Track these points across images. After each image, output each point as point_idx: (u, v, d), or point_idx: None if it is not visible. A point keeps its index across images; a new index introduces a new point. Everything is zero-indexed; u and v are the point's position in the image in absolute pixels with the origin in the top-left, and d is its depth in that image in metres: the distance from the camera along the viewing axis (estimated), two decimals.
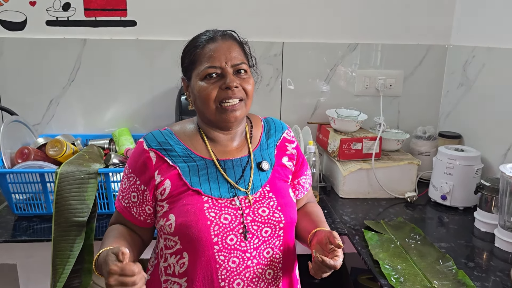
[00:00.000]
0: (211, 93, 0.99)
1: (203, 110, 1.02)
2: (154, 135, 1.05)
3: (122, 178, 1.07)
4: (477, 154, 1.62)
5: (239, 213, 0.99)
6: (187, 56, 1.05)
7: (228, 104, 0.99)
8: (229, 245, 0.97)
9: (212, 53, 1.00)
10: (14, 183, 1.44)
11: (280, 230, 1.02)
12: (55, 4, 1.79)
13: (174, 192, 1.00)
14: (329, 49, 1.93)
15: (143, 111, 1.93)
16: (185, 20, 1.85)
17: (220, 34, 1.04)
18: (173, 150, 1.03)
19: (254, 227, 0.99)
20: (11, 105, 1.77)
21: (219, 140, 1.07)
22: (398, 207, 1.66)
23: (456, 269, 1.20)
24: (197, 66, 1.01)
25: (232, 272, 0.98)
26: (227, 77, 0.99)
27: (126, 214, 1.06)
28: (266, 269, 1.02)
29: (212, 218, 0.97)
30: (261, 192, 1.04)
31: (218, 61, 0.99)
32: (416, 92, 2.00)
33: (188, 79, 1.05)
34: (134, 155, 1.05)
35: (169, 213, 0.99)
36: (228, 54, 1.00)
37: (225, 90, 0.99)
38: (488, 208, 1.45)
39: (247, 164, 1.06)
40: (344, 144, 1.71)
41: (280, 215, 1.02)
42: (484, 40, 1.73)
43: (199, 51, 1.01)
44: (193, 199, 0.99)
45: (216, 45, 1.01)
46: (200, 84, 1.00)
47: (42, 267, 1.37)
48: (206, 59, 1.00)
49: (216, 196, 1.00)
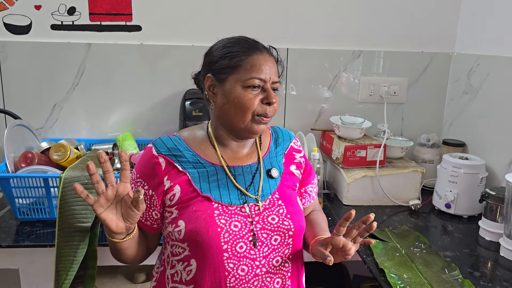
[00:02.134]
0: (252, 104, 0.98)
1: (234, 117, 1.00)
2: (163, 140, 1.04)
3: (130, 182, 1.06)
4: (481, 163, 1.62)
5: (248, 221, 0.99)
6: (227, 58, 1.01)
7: (263, 118, 1.00)
8: (239, 252, 0.96)
9: (260, 65, 0.99)
10: (18, 187, 1.43)
11: (289, 238, 1.02)
12: (60, 8, 1.79)
13: (183, 198, 0.99)
14: (333, 55, 1.93)
15: (147, 116, 1.92)
16: (190, 25, 1.85)
17: (267, 48, 1.04)
18: (182, 156, 1.02)
19: (264, 235, 0.99)
20: (15, 109, 1.77)
21: (230, 146, 1.07)
22: (402, 215, 1.65)
23: (462, 279, 1.20)
24: (240, 71, 0.99)
25: (241, 280, 0.97)
26: (269, 93, 0.99)
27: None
28: (275, 278, 1.01)
29: (222, 225, 0.96)
30: (270, 200, 1.04)
31: (264, 75, 0.99)
32: (420, 99, 2.00)
33: (220, 80, 1.01)
34: (142, 161, 1.04)
35: (179, 219, 0.99)
36: (273, 70, 1.01)
37: (265, 105, 0.99)
38: (493, 217, 1.44)
39: (256, 170, 1.06)
40: (348, 151, 1.71)
41: (290, 223, 1.02)
42: (489, 49, 1.73)
43: (246, 58, 0.99)
44: (203, 206, 0.98)
45: (264, 58, 1.01)
46: (242, 92, 0.98)
47: (44, 273, 1.36)
48: (254, 69, 0.98)
49: (226, 202, 1.00)
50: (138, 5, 1.81)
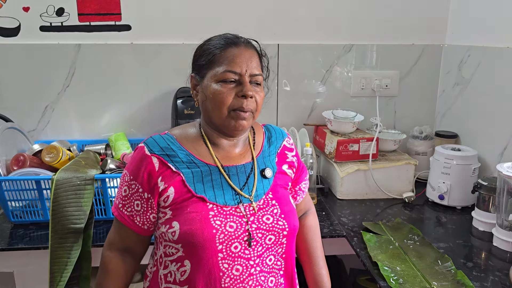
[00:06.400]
0: (226, 99, 0.97)
1: (212, 113, 1.00)
2: (155, 140, 1.02)
3: (121, 184, 1.03)
4: (474, 154, 1.62)
5: (243, 221, 0.98)
6: (205, 55, 1.00)
7: (241, 113, 0.98)
8: (233, 252, 0.96)
9: (234, 58, 0.98)
10: (10, 190, 1.43)
11: (283, 237, 1.02)
12: (49, 9, 1.78)
13: (178, 200, 0.98)
14: (325, 50, 1.93)
15: (139, 115, 1.92)
16: (180, 24, 1.84)
17: (243, 41, 1.02)
18: (176, 155, 1.00)
19: (259, 235, 0.98)
20: (5, 112, 1.76)
21: (223, 145, 1.05)
22: (396, 208, 1.66)
23: (455, 270, 1.20)
24: (214, 67, 0.98)
25: (236, 280, 0.96)
26: (244, 85, 0.97)
27: (129, 224, 1.02)
28: (269, 277, 1.01)
29: (218, 226, 0.95)
30: (264, 200, 1.03)
31: (239, 67, 0.97)
32: (412, 92, 2.00)
33: (201, 77, 1.02)
34: (134, 161, 1.01)
35: (173, 220, 0.97)
36: (249, 62, 0.99)
37: (240, 99, 0.97)
38: (486, 207, 1.45)
39: (251, 171, 1.05)
40: (341, 146, 1.71)
41: (284, 223, 1.01)
42: (479, 39, 1.73)
43: (220, 53, 0.98)
44: (197, 207, 0.97)
45: (239, 50, 0.99)
46: (215, 87, 0.97)
47: (39, 275, 1.36)
48: (226, 62, 0.97)
49: (221, 203, 0.99)
50: (127, 5, 1.80)
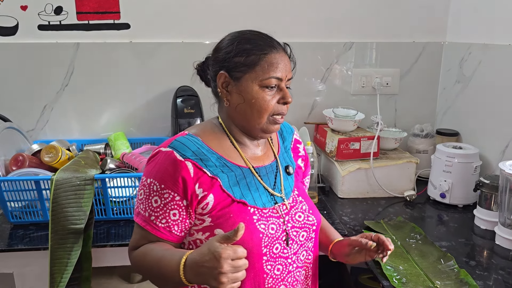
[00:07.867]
0: (270, 105, 0.95)
1: (250, 117, 0.97)
2: (183, 143, 0.95)
3: (148, 195, 0.93)
4: (475, 151, 1.61)
5: (281, 221, 0.98)
6: (244, 55, 0.95)
7: (279, 118, 0.98)
8: (275, 254, 0.96)
9: (278, 63, 0.96)
10: (9, 191, 1.42)
11: (313, 232, 1.04)
12: (47, 8, 1.76)
13: (217, 206, 0.94)
14: (325, 48, 1.92)
15: (138, 114, 1.91)
16: (179, 22, 1.83)
17: (280, 45, 1.00)
18: (208, 159, 0.95)
19: (294, 233, 1.00)
20: (4, 112, 1.74)
21: (248, 145, 1.04)
22: (398, 206, 1.65)
23: (458, 268, 1.20)
24: (256, 70, 0.95)
25: (277, 279, 0.97)
26: (285, 92, 0.97)
27: (165, 236, 0.94)
28: (302, 271, 1.03)
29: (263, 230, 0.94)
30: (292, 197, 1.04)
31: (281, 73, 0.96)
32: (413, 90, 1.99)
33: (235, 78, 0.96)
34: (162, 168, 0.92)
35: (215, 228, 0.93)
36: (288, 68, 0.98)
37: (281, 105, 0.97)
38: (488, 205, 1.45)
39: (276, 169, 1.06)
40: (342, 144, 1.70)
41: (313, 218, 1.04)
42: (480, 37, 1.72)
43: (264, 57, 0.95)
44: (240, 212, 0.94)
45: (281, 56, 0.97)
46: (260, 93, 0.95)
47: (39, 276, 1.35)
48: (272, 68, 0.95)
49: (260, 206, 0.97)
50: (125, 3, 1.79)
